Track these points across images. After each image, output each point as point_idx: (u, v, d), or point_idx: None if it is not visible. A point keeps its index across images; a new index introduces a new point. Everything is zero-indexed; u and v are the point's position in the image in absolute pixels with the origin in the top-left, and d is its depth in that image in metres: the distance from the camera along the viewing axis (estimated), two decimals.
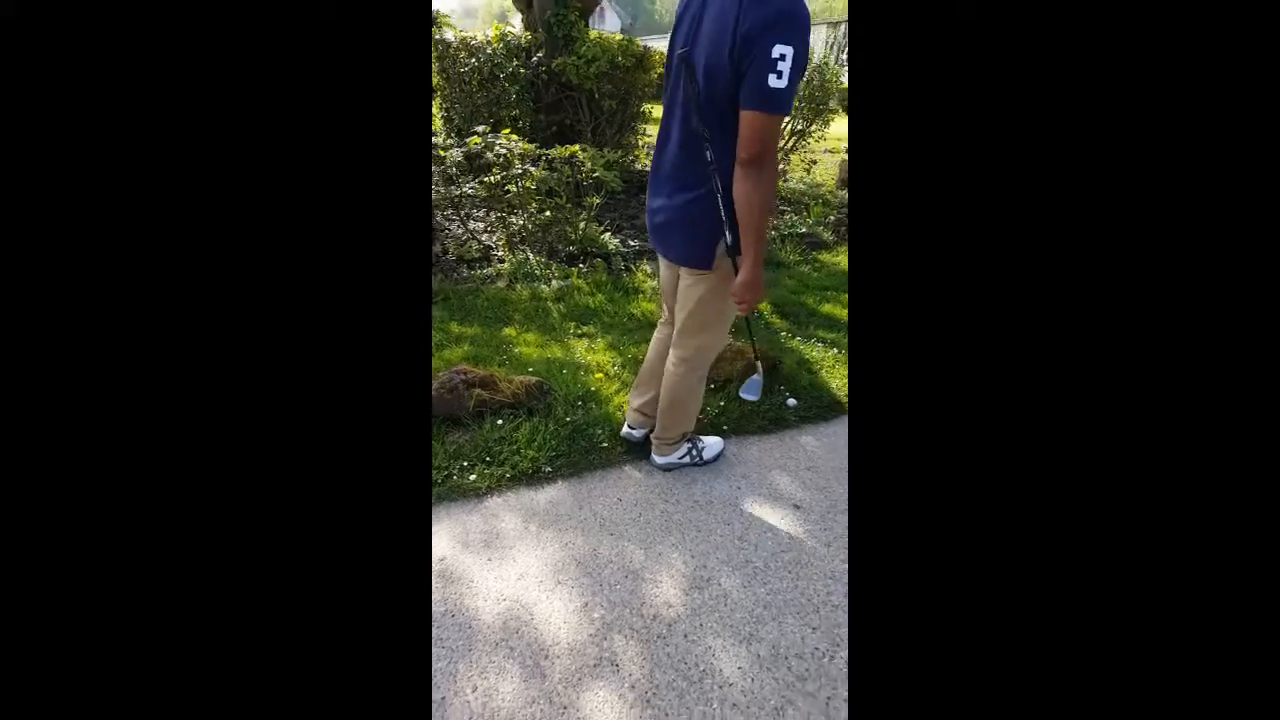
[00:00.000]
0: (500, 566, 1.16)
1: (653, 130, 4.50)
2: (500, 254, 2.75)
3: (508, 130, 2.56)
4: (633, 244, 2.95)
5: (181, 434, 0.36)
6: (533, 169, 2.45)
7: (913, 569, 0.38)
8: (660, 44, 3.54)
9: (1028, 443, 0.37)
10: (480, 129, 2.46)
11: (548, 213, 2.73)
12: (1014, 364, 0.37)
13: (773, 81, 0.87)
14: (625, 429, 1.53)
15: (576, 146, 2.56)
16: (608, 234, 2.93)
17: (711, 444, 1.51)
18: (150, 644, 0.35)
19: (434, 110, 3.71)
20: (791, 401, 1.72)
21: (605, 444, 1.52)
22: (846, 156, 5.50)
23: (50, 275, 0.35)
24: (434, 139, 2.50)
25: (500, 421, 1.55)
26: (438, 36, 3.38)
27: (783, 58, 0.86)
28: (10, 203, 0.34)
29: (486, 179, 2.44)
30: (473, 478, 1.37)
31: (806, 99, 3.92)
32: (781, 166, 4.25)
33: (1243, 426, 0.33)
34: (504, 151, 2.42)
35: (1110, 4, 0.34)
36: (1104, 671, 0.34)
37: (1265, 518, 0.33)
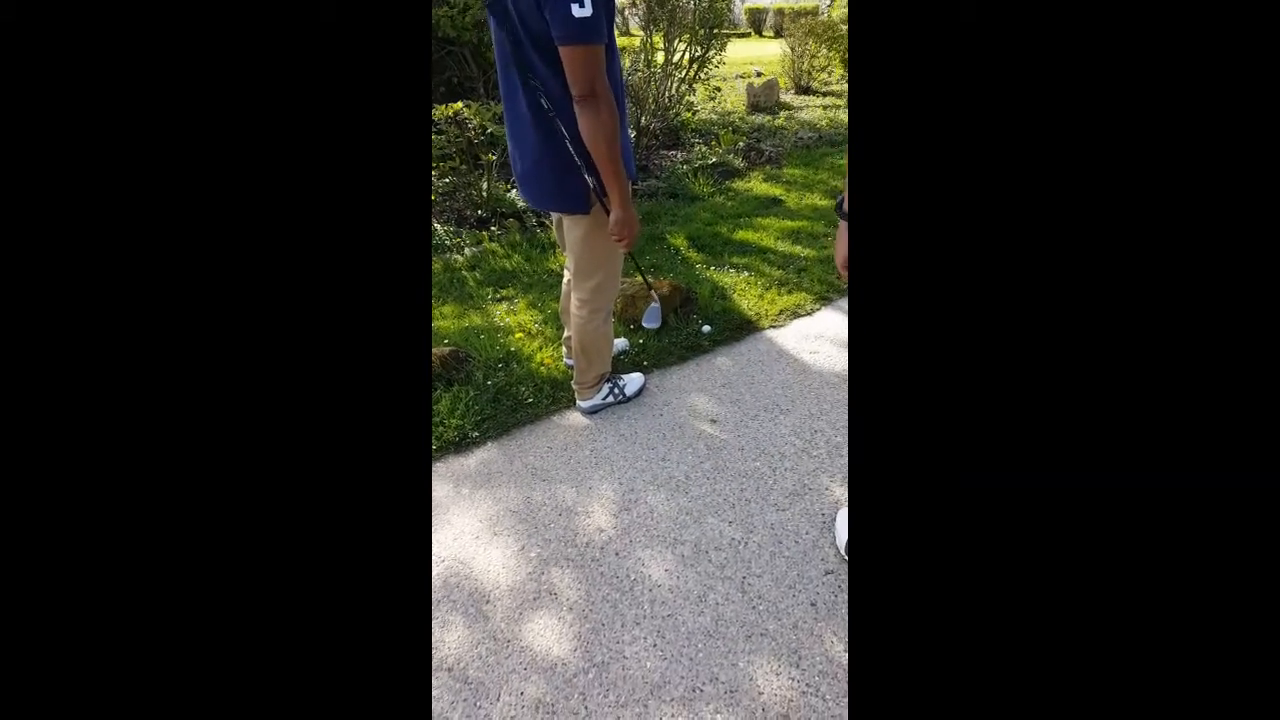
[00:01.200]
0: (435, 533, 1.19)
1: None
2: None
3: None
4: None
5: (177, 415, 0.36)
6: None
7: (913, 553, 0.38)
8: None
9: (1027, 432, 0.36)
10: None
11: (447, 179, 2.61)
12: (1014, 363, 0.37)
13: (576, 11, 0.86)
14: (565, 360, 1.65)
15: (460, 104, 2.42)
16: (514, 191, 2.83)
17: (633, 380, 1.56)
18: (136, 595, 0.35)
19: None
20: (706, 328, 1.78)
21: (531, 400, 1.54)
22: (753, 80, 5.42)
23: (55, 258, 0.35)
24: None
25: None
26: None
27: None
28: (10, 203, 0.34)
29: None
30: None
31: (699, 21, 3.81)
32: (688, 98, 4.16)
33: (1244, 417, 0.33)
34: None
35: (1111, 4, 0.33)
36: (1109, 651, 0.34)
37: (1266, 515, 0.32)
